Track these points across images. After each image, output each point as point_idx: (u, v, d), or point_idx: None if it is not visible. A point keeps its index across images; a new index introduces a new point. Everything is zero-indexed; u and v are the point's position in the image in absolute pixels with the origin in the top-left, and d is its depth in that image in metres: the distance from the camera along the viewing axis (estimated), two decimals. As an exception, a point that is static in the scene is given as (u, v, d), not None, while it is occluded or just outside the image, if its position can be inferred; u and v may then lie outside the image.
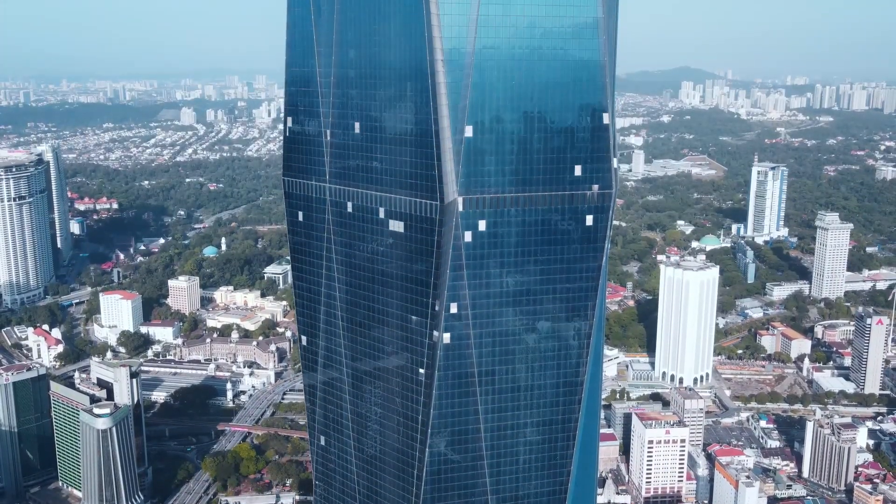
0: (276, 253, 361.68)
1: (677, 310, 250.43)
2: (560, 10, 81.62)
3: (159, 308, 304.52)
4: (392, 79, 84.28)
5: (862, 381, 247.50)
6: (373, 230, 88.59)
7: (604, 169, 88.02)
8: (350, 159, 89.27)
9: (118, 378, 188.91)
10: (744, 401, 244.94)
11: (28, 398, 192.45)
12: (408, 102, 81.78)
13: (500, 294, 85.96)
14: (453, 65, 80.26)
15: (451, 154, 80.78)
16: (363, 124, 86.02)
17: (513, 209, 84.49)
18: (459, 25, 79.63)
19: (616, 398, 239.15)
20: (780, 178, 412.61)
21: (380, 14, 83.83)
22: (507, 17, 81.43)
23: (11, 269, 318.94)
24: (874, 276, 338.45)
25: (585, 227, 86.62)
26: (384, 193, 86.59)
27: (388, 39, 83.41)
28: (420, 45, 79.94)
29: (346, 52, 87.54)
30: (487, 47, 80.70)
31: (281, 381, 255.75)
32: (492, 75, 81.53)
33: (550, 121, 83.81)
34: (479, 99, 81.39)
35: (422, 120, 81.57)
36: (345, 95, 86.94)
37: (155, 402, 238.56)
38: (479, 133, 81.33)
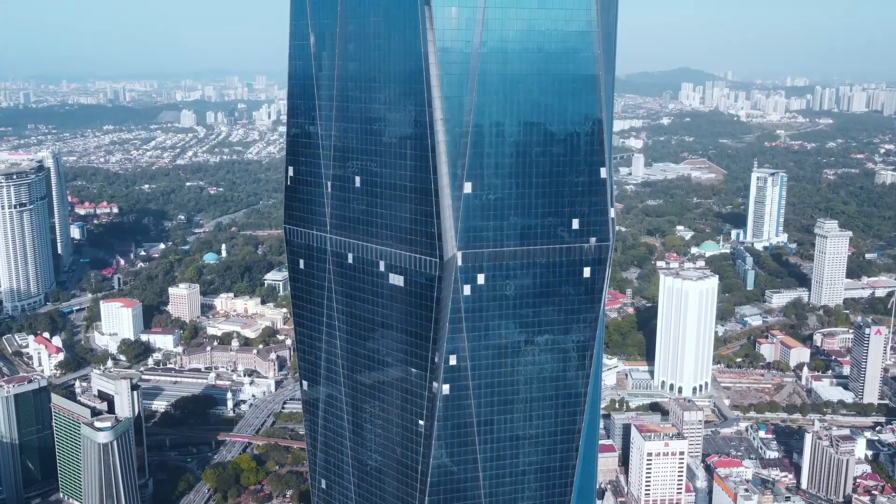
0: (276, 259, 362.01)
1: (676, 319, 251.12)
2: (558, 67, 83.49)
3: (160, 315, 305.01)
4: (392, 136, 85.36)
5: (860, 390, 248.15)
6: (373, 282, 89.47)
7: (601, 222, 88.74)
8: (350, 212, 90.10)
9: (119, 391, 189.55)
10: (743, 410, 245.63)
11: (29, 410, 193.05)
12: (407, 160, 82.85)
13: (499, 346, 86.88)
14: (452, 124, 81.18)
15: (450, 211, 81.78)
16: (363, 178, 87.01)
17: (511, 263, 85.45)
18: (458, 85, 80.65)
19: (615, 408, 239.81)
20: (780, 184, 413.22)
21: (381, 77, 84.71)
22: (505, 75, 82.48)
23: (12, 275, 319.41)
24: (873, 283, 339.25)
25: (583, 278, 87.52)
26: (384, 247, 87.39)
27: (388, 100, 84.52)
28: (420, 106, 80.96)
29: (347, 108, 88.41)
30: (487, 106, 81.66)
31: (281, 390, 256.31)
32: (490, 133, 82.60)
33: (548, 176, 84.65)
34: (477, 156, 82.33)
35: (421, 176, 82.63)
36: (345, 149, 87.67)
37: (155, 411, 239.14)
38: (478, 189, 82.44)
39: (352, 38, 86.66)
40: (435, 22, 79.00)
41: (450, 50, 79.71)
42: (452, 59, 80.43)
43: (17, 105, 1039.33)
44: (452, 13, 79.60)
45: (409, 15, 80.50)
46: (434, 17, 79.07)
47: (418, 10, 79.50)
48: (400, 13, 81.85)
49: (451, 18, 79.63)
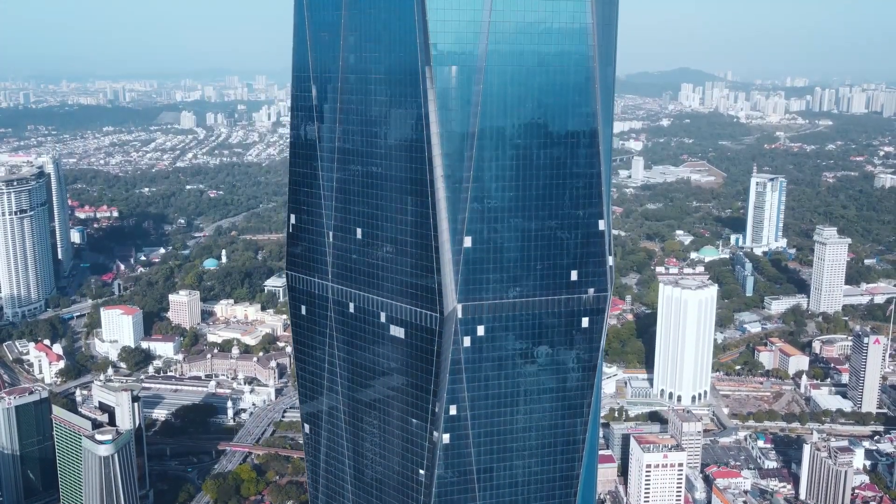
0: (276, 265, 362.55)
1: (675, 328, 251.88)
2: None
3: (160, 322, 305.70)
4: (392, 192, 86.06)
5: (859, 399, 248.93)
6: (374, 332, 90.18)
7: (599, 273, 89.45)
8: (352, 262, 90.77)
9: (120, 402, 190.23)
10: (742, 419, 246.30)
11: (30, 421, 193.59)
12: (408, 215, 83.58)
13: (499, 395, 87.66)
14: (452, 179, 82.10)
15: (450, 265, 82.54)
16: (364, 230, 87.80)
17: (511, 314, 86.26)
18: (457, 142, 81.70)
19: (615, 417, 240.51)
20: (779, 189, 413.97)
21: (381, 132, 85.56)
22: (504, 130, 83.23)
23: (13, 282, 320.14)
24: (872, 289, 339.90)
25: (581, 328, 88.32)
26: (385, 299, 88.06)
27: (388, 154, 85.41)
28: (420, 163, 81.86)
29: (348, 160, 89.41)
30: (487, 159, 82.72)
31: (281, 398, 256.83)
32: (490, 187, 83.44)
33: (547, 229, 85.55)
34: (477, 210, 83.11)
35: (422, 232, 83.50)
36: (347, 200, 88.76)
37: (156, 419, 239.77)
38: (478, 243, 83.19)
39: (352, 92, 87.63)
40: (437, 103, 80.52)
41: (450, 108, 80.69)
42: (452, 116, 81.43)
43: (16, 105, 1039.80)
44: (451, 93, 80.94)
45: (412, 83, 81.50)
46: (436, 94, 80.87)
47: (420, 86, 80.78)
48: (403, 87, 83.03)
49: (450, 89, 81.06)
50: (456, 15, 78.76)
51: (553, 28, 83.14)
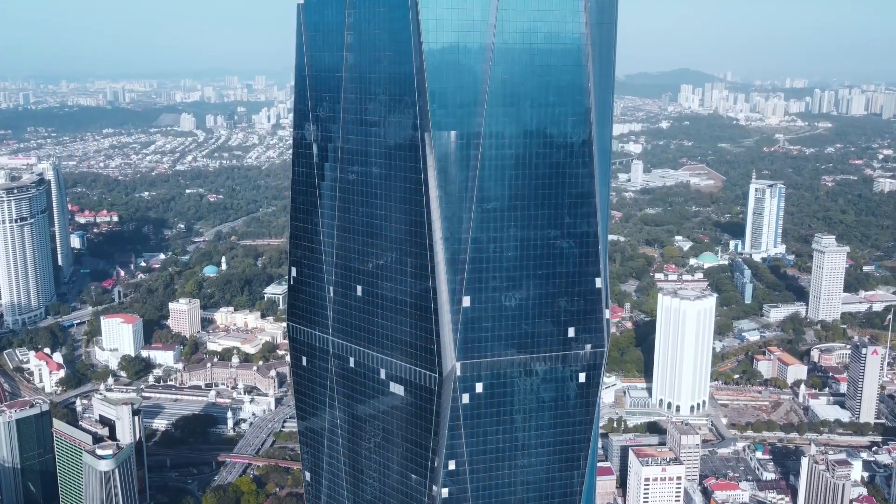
0: (276, 272, 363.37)
1: (674, 338, 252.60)
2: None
3: (160, 331, 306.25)
4: (392, 252, 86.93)
5: (857, 409, 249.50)
6: (374, 388, 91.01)
7: (596, 329, 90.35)
8: (352, 318, 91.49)
9: (120, 415, 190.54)
10: (740, 429, 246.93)
11: (31, 434, 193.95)
12: (408, 276, 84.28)
13: (497, 449, 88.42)
14: (451, 241, 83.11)
15: (449, 326, 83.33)
16: (364, 288, 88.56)
17: (508, 371, 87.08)
18: (457, 203, 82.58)
19: (613, 427, 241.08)
20: (778, 196, 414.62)
21: (382, 193, 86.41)
22: (503, 199, 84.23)
23: (13, 289, 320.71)
24: (870, 297, 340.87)
25: (578, 383, 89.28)
26: (385, 356, 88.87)
27: (388, 213, 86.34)
28: (420, 226, 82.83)
29: (349, 218, 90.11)
30: (486, 213, 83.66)
31: (281, 408, 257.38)
32: (488, 248, 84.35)
33: (545, 287, 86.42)
34: (476, 271, 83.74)
35: (421, 294, 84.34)
36: (347, 258, 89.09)
37: (156, 430, 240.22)
38: (477, 302, 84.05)
39: (352, 144, 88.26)
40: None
41: (449, 174, 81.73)
42: (451, 179, 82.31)
43: (16, 106, 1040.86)
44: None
45: (412, 149, 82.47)
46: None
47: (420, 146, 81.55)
48: (402, 151, 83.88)
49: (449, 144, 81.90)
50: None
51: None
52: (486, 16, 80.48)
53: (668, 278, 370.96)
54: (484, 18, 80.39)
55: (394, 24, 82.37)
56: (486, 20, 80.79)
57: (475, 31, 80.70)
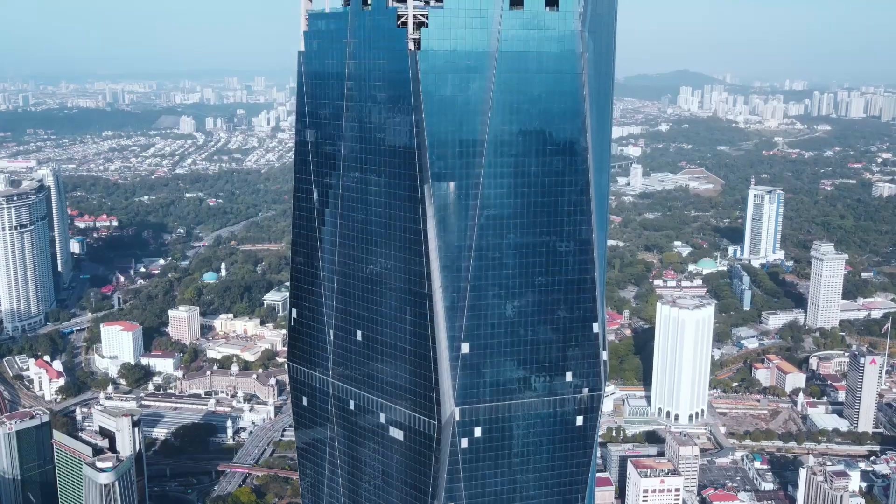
0: (276, 278, 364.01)
1: (673, 348, 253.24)
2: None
3: (160, 338, 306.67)
4: (392, 299, 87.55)
5: (855, 417, 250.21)
6: (374, 431, 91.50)
7: (594, 373, 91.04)
8: (352, 362, 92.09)
9: (120, 427, 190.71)
10: (739, 438, 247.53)
11: (31, 446, 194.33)
12: (407, 324, 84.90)
13: (496, 492, 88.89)
14: (450, 290, 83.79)
15: (448, 373, 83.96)
16: (364, 333, 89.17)
17: (507, 415, 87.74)
18: (456, 250, 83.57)
19: (612, 436, 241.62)
20: (777, 202, 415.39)
21: (381, 240, 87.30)
22: (501, 245, 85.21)
23: (13, 296, 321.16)
24: (869, 304, 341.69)
25: (576, 426, 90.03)
26: (384, 401, 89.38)
27: (388, 261, 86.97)
28: (419, 276, 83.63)
29: (349, 264, 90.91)
30: (484, 271, 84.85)
31: (280, 416, 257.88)
32: (487, 294, 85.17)
33: (542, 332, 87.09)
34: (475, 318, 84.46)
35: (420, 342, 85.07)
36: (347, 303, 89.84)
37: (156, 439, 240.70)
38: (476, 349, 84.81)
39: (351, 187, 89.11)
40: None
41: (448, 227, 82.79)
42: (450, 229, 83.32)
43: (16, 108, 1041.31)
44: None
45: (411, 197, 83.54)
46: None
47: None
48: (401, 200, 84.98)
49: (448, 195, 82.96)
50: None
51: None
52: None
53: (667, 284, 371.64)
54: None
55: (393, 75, 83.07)
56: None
57: (475, 74, 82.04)
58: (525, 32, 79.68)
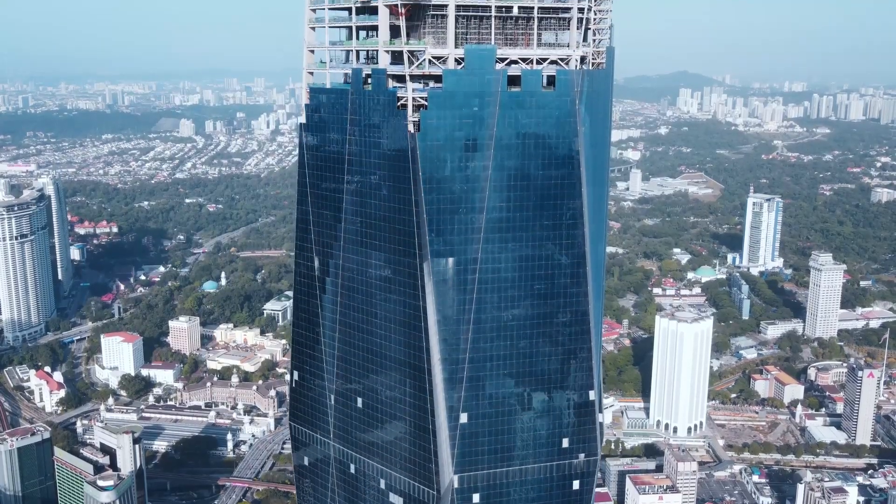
0: (275, 287, 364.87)
1: (672, 361, 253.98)
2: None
3: (160, 348, 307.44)
4: (391, 370, 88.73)
5: (853, 430, 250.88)
6: (374, 496, 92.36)
7: (590, 439, 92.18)
8: (353, 427, 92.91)
9: (121, 444, 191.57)
10: (737, 451, 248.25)
11: (32, 462, 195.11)
12: (407, 396, 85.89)
13: None
14: (449, 362, 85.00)
15: (447, 443, 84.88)
16: (365, 401, 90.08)
17: (505, 482, 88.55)
18: (455, 323, 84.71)
19: (611, 448, 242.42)
20: (776, 210, 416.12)
21: (379, 310, 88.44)
22: (501, 318, 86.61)
23: (13, 306, 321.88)
24: (867, 314, 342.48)
25: (572, 491, 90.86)
26: (384, 467, 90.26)
27: (388, 336, 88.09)
28: (419, 350, 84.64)
29: (349, 332, 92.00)
30: (483, 340, 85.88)
31: (281, 428, 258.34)
32: (485, 366, 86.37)
33: (539, 401, 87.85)
34: (474, 388, 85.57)
35: (419, 414, 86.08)
36: (348, 371, 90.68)
37: (156, 451, 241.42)
38: (474, 418, 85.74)
39: (353, 271, 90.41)
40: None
41: (447, 298, 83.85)
42: (448, 304, 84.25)
43: (15, 110, 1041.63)
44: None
45: (412, 278, 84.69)
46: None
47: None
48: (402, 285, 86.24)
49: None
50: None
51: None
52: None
53: (667, 293, 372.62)
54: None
55: (392, 154, 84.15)
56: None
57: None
58: (523, 112, 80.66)
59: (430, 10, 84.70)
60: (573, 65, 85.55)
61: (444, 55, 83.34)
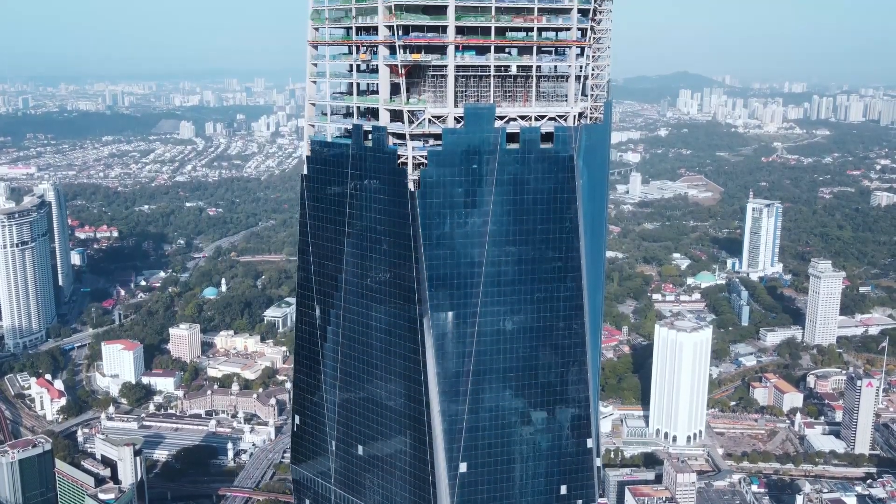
0: (275, 293, 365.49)
1: (671, 370, 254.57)
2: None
3: (161, 356, 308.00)
4: (392, 422, 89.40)
5: (852, 439, 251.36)
6: None
7: (587, 486, 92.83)
8: (353, 474, 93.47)
9: (122, 456, 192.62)
10: (736, 460, 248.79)
11: (34, 474, 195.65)
12: (407, 448, 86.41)
13: None
14: (448, 413, 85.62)
15: (447, 492, 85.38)
16: (365, 449, 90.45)
17: None
18: (453, 379, 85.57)
19: (610, 458, 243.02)
20: (775, 215, 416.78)
21: (379, 362, 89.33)
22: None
23: (14, 313, 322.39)
24: (866, 320, 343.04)
25: None
26: None
27: (388, 384, 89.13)
28: (419, 403, 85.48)
29: (350, 381, 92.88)
30: (482, 393, 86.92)
31: (281, 437, 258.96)
32: (483, 417, 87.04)
33: (538, 448, 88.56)
34: (472, 439, 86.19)
35: (419, 465, 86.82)
36: (349, 419, 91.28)
37: (157, 461, 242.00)
38: (473, 467, 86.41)
39: (353, 310, 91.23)
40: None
41: (447, 352, 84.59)
42: (447, 356, 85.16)
43: (16, 111, 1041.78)
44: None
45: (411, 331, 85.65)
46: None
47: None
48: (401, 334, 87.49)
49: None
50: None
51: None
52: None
53: (666, 299, 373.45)
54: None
55: (392, 209, 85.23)
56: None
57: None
58: (521, 167, 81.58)
59: (429, 69, 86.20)
60: (571, 121, 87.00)
61: (444, 114, 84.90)
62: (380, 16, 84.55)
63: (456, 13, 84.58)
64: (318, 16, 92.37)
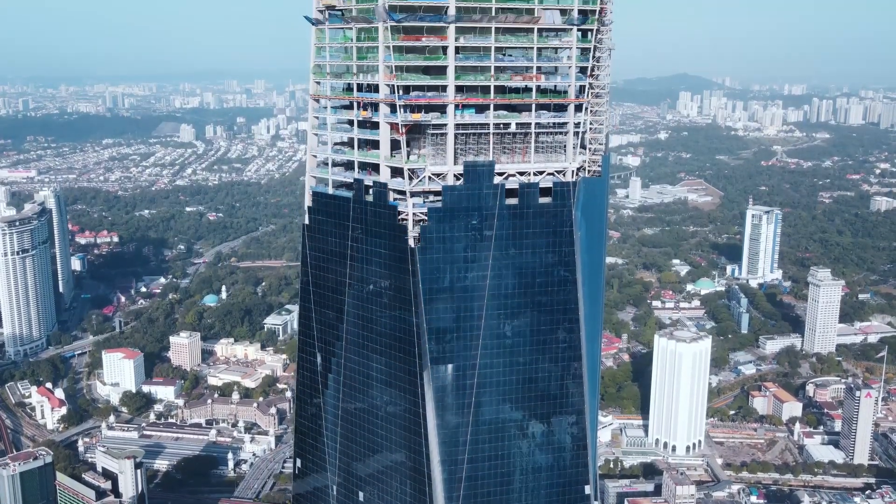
0: (276, 300, 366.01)
1: (670, 380, 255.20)
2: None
3: (161, 364, 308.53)
4: (392, 470, 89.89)
5: (851, 449, 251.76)
6: None
7: None
8: None
9: (123, 469, 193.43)
10: (735, 469, 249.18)
11: (34, 487, 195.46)
12: (406, 497, 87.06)
13: None
14: (448, 463, 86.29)
15: None
16: (366, 496, 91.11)
17: None
18: (453, 429, 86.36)
19: (610, 468, 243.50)
20: (775, 222, 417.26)
21: (380, 407, 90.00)
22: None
23: (14, 321, 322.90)
24: (866, 328, 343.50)
25: None
26: None
27: (389, 434, 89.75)
28: (419, 454, 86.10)
29: (351, 421, 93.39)
30: (481, 431, 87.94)
31: (281, 446, 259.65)
32: (483, 468, 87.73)
33: (538, 496, 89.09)
34: (472, 486, 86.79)
35: None
36: (349, 465, 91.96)
37: (157, 470, 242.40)
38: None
39: (354, 365, 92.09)
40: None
41: (446, 405, 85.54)
42: (448, 408, 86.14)
43: (16, 113, 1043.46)
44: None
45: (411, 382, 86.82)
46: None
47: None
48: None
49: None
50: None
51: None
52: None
53: (666, 306, 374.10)
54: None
55: (392, 265, 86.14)
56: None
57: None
58: (520, 222, 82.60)
59: (430, 127, 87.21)
60: (570, 175, 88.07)
61: (444, 172, 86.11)
62: (380, 74, 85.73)
63: (455, 73, 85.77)
64: (319, 70, 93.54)
